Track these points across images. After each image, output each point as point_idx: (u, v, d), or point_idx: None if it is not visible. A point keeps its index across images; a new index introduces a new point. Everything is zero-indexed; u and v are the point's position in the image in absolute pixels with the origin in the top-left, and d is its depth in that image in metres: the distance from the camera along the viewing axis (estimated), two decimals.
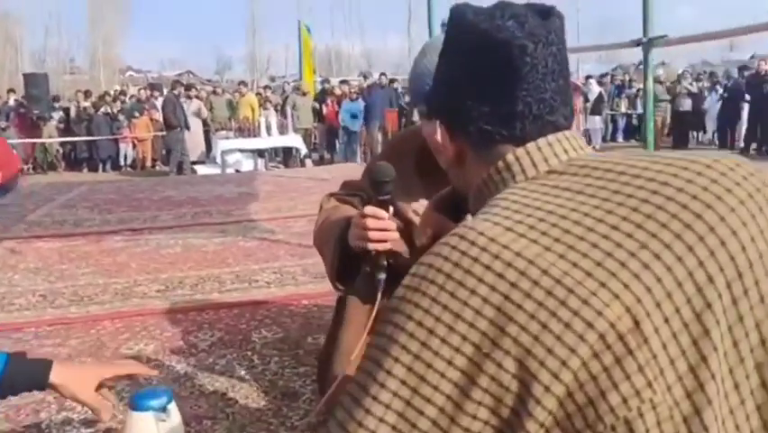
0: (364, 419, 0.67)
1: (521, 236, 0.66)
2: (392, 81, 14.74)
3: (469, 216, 1.08)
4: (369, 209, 1.41)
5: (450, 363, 0.64)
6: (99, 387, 1.38)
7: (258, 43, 38.42)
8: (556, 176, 0.76)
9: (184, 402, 1.79)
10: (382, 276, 1.42)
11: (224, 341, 2.33)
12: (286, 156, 12.83)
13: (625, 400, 0.59)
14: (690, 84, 13.64)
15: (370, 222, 1.40)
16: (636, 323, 0.60)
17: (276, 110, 13.37)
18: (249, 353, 2.21)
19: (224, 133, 12.40)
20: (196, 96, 14.09)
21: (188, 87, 13.90)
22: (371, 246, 1.41)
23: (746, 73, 12.69)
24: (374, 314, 1.46)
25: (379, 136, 12.44)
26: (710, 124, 13.51)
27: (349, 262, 1.54)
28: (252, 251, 3.66)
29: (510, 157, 0.80)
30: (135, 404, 1.39)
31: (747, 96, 11.80)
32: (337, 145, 13.53)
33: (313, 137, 14.17)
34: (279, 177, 7.02)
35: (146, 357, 2.21)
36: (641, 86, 7.59)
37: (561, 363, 0.60)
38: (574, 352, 0.59)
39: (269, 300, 2.76)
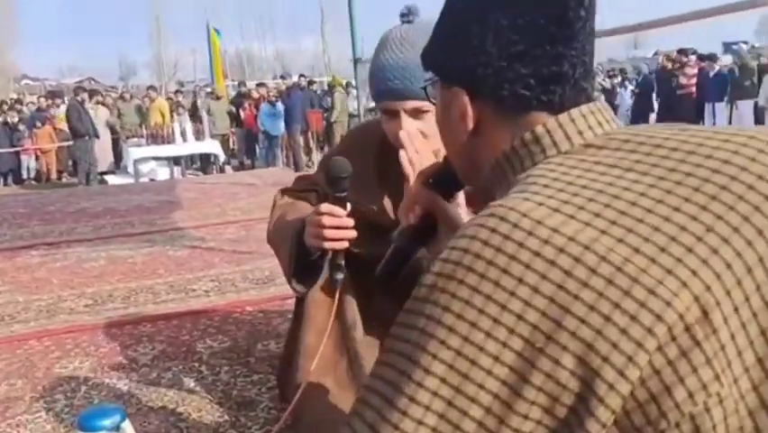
0: (401, 422, 0.61)
1: (571, 218, 0.60)
2: (311, 83, 14.60)
3: (461, 195, 1.03)
4: (324, 207, 1.36)
5: (497, 359, 0.58)
6: None
7: (164, 47, 37.25)
8: (595, 150, 0.69)
9: (132, 420, 1.66)
10: (340, 276, 1.37)
11: (166, 353, 2.21)
12: (203, 163, 12.47)
13: (691, 395, 0.55)
14: (603, 80, 14.18)
15: (325, 220, 1.34)
16: (705, 313, 0.56)
17: (189, 115, 12.97)
18: (196, 364, 2.11)
19: (135, 140, 11.91)
20: (102, 103, 13.50)
21: (93, 93, 13.29)
22: (328, 246, 1.36)
23: (654, 68, 13.35)
24: (334, 315, 1.40)
25: (301, 139, 12.30)
26: (623, 119, 14.10)
27: (306, 261, 1.48)
28: (184, 260, 3.51)
29: (540, 129, 0.72)
30: (84, 425, 1.27)
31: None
32: (257, 150, 13.26)
33: (231, 143, 13.85)
34: (201, 184, 6.80)
35: (83, 376, 2.06)
36: None
37: (627, 358, 0.55)
38: (641, 347, 0.55)
39: (210, 309, 2.64)
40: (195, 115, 13.14)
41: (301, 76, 14.30)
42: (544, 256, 0.59)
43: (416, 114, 1.37)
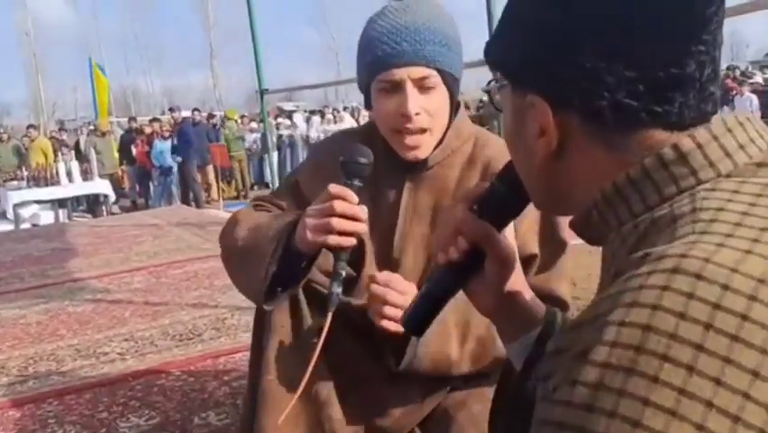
0: None
1: None
2: (211, 116, 14.13)
3: (510, 225, 0.80)
4: (335, 188, 1.08)
5: None
6: None
7: (42, 85, 35.15)
8: None
9: None
10: (338, 289, 1.09)
11: None
12: (92, 204, 11.67)
13: None
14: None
15: (337, 205, 1.07)
16: None
17: (76, 154, 12.14)
18: None
19: (14, 183, 10.98)
20: None
21: None
22: (333, 241, 1.07)
23: None
24: (320, 345, 1.10)
25: (198, 176, 11.75)
26: None
27: (286, 272, 1.17)
28: (89, 316, 3.07)
29: (687, 143, 0.54)
30: None
31: None
32: (152, 188, 12.58)
33: (121, 181, 13.09)
34: (96, 227, 6.21)
35: None
36: None
37: None
38: None
39: (129, 376, 2.26)
40: (80, 153, 12.32)
41: (195, 110, 13.75)
42: None
43: (423, 86, 1.17)
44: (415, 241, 1.22)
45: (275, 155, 10.08)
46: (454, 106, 1.23)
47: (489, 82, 0.71)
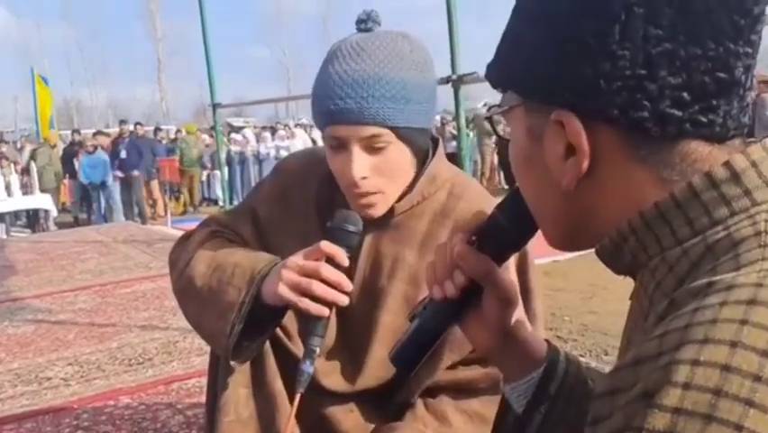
0: None
1: None
2: (158, 130, 13.82)
3: (512, 259, 0.76)
4: (328, 247, 0.98)
5: None
6: None
7: None
8: None
9: None
10: (310, 369, 1.00)
11: None
12: (31, 219, 11.24)
13: None
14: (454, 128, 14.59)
15: (324, 270, 0.97)
16: None
17: (15, 169, 11.69)
18: None
19: None
20: None
21: None
22: (307, 306, 0.97)
23: None
24: (292, 419, 1.03)
25: (144, 191, 11.42)
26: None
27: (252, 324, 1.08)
28: (30, 338, 2.91)
29: (741, 161, 0.49)
30: None
31: None
32: (94, 204, 12.19)
33: (61, 196, 12.65)
34: (38, 243, 5.95)
35: None
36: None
37: None
38: None
39: (74, 404, 2.13)
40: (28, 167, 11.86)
41: (137, 124, 13.43)
42: None
43: (372, 146, 1.03)
44: (371, 293, 1.12)
45: (225, 171, 9.92)
46: (422, 155, 1.11)
47: (490, 107, 0.66)
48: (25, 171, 11.49)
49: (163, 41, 36.04)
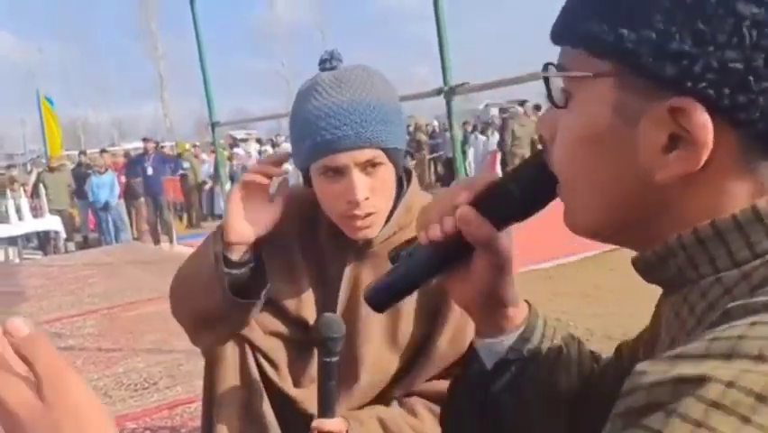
0: None
1: None
2: (162, 146, 13.87)
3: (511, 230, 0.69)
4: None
5: None
6: None
7: None
8: None
9: None
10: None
11: None
12: (42, 241, 11.35)
13: None
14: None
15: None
16: None
17: (25, 191, 11.82)
18: None
19: None
20: None
21: None
22: (259, 178, 1.12)
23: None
24: None
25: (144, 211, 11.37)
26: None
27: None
28: None
29: None
30: None
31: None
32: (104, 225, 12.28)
33: (72, 217, 12.76)
34: (48, 267, 6.04)
35: None
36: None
37: None
38: None
39: None
40: (37, 190, 11.96)
41: (144, 139, 13.48)
42: None
43: (368, 168, 1.09)
44: (353, 323, 1.16)
45: (227, 186, 9.96)
46: (399, 177, 1.17)
47: (550, 67, 0.55)
48: (34, 194, 11.60)
49: (165, 58, 36.28)
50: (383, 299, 0.72)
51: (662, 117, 0.47)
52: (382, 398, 1.18)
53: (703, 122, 0.45)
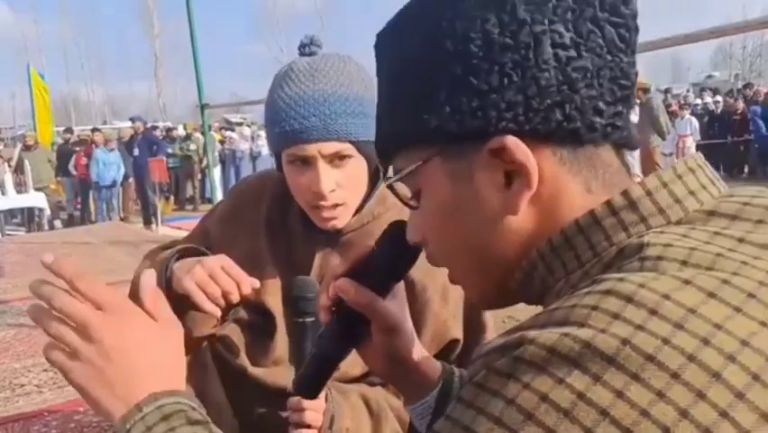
0: None
1: (737, 312, 0.43)
2: (154, 128, 13.72)
3: (400, 287, 0.76)
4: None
5: None
6: None
7: None
8: (728, 222, 0.51)
9: None
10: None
11: None
12: (26, 218, 11.27)
13: None
14: None
15: (226, 266, 1.02)
16: None
17: (9, 166, 11.68)
18: None
19: None
20: None
21: None
22: (209, 308, 1.00)
23: None
24: None
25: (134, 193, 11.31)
26: None
27: None
28: (8, 343, 2.94)
29: (637, 189, 0.52)
30: None
31: None
32: (91, 203, 12.17)
33: (58, 194, 12.64)
34: (26, 244, 5.98)
35: None
36: None
37: None
38: None
39: (45, 411, 2.16)
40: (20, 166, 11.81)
41: (131, 118, 13.30)
42: (706, 365, 0.40)
43: (335, 160, 1.08)
44: None
45: (216, 170, 9.91)
46: (374, 175, 1.15)
47: (389, 177, 0.61)
48: (18, 169, 11.48)
49: (160, 37, 36.02)
50: (312, 386, 0.77)
51: (489, 162, 0.54)
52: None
53: (521, 149, 0.52)
